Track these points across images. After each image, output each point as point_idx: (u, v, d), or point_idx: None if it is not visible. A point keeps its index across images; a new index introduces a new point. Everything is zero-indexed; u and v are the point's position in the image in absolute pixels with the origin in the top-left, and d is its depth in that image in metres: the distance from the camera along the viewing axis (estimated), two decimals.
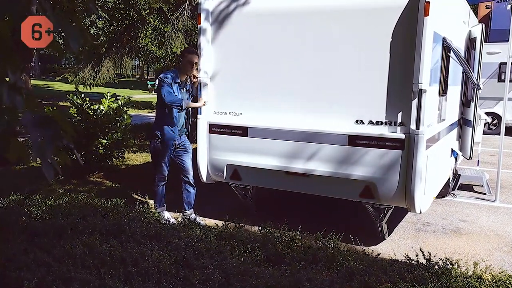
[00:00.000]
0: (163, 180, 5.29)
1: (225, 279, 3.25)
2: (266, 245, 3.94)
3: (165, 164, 5.21)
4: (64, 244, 3.75)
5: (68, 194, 5.47)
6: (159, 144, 5.14)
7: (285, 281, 3.23)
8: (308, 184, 4.91)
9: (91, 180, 7.09)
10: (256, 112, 5.02)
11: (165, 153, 5.17)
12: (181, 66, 5.15)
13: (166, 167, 5.25)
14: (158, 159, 5.21)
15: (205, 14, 5.15)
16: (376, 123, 4.46)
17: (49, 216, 4.46)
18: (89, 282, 3.13)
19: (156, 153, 5.24)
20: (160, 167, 5.22)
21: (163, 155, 5.17)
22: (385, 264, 3.61)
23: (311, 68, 4.70)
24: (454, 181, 7.05)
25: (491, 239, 5.12)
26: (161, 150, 5.16)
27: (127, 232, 4.06)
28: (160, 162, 5.20)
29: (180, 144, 5.23)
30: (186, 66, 5.08)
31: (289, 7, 4.80)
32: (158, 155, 5.20)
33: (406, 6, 4.21)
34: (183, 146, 5.26)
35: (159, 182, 5.29)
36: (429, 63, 4.22)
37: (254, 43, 4.97)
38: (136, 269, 3.36)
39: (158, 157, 5.21)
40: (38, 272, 3.23)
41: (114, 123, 7.28)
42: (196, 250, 3.75)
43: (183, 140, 5.27)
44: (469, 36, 6.87)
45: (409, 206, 4.45)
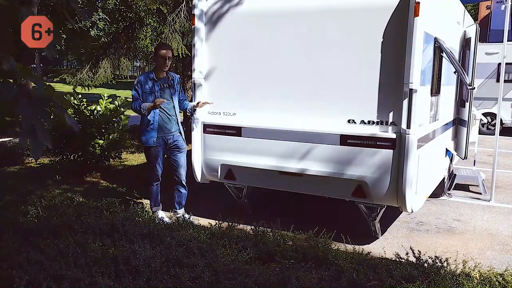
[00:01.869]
0: (157, 180, 5.32)
1: (215, 277, 3.28)
2: (258, 244, 3.97)
3: (158, 165, 5.24)
4: (57, 243, 3.79)
5: (64, 194, 5.52)
6: (145, 146, 5.20)
7: (274, 279, 3.27)
8: (301, 183, 4.94)
9: (88, 180, 7.13)
10: (249, 112, 5.06)
11: (155, 154, 5.19)
12: (155, 63, 5.15)
13: (160, 167, 5.27)
14: (150, 160, 5.25)
15: (199, 15, 5.18)
16: (368, 122, 4.49)
17: (44, 215, 4.49)
18: (79, 280, 3.16)
19: (146, 154, 5.29)
20: (153, 167, 5.25)
21: (154, 155, 5.20)
22: (375, 263, 3.64)
23: (303, 68, 4.74)
24: (450, 181, 7.07)
25: (484, 238, 5.14)
26: (149, 151, 5.19)
27: (120, 231, 4.10)
28: (152, 162, 5.23)
29: (173, 143, 5.25)
30: (159, 61, 5.08)
31: (282, 7, 4.83)
32: (149, 156, 5.23)
33: (397, 6, 4.25)
34: (176, 146, 5.27)
35: (153, 182, 5.32)
36: (419, 63, 4.25)
37: (247, 44, 5.01)
38: (127, 267, 3.40)
39: (149, 157, 5.24)
40: (30, 271, 3.27)
41: (111, 124, 7.32)
42: (187, 248, 3.79)
43: (176, 139, 5.27)
44: (464, 37, 6.90)
45: (400, 205, 4.47)
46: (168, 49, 5.15)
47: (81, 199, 5.27)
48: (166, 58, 5.07)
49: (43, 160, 8.39)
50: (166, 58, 5.06)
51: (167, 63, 5.11)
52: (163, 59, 5.05)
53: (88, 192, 6.42)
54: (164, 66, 5.10)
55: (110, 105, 7.40)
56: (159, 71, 5.13)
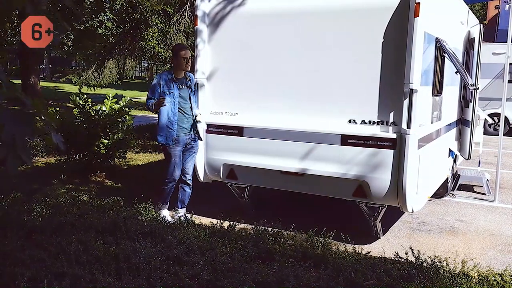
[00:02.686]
0: (173, 181, 5.27)
1: (214, 275, 3.31)
2: (258, 242, 4.00)
3: (176, 164, 5.19)
4: (60, 241, 3.84)
5: (68, 193, 5.59)
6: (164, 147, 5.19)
7: (272, 277, 3.29)
8: (302, 183, 4.96)
9: (92, 179, 7.20)
10: (251, 112, 5.09)
11: (174, 153, 5.15)
12: (176, 64, 5.20)
13: (178, 168, 5.22)
14: (168, 159, 5.20)
15: (202, 16, 5.23)
16: (369, 122, 4.50)
17: (48, 214, 4.56)
18: (80, 277, 3.21)
19: (165, 153, 5.27)
20: (170, 167, 5.21)
21: (172, 155, 5.16)
22: (374, 262, 3.65)
23: (304, 69, 4.77)
24: (454, 181, 7.05)
25: (486, 238, 5.13)
26: (167, 151, 5.18)
27: (122, 229, 4.15)
28: (170, 162, 5.19)
29: (189, 143, 5.24)
30: (181, 62, 5.12)
31: (283, 8, 4.86)
32: (168, 155, 5.20)
33: (397, 6, 4.26)
34: (191, 145, 5.27)
35: (168, 183, 5.27)
36: (419, 63, 4.26)
37: (249, 44, 5.05)
38: (128, 265, 3.44)
39: (168, 157, 5.20)
40: (32, 268, 3.33)
41: (116, 124, 7.38)
42: (188, 247, 3.82)
43: (193, 139, 5.26)
44: (468, 37, 6.88)
45: (401, 205, 4.48)
46: (187, 49, 5.22)
47: (85, 198, 5.33)
48: (187, 58, 5.14)
49: (49, 159, 8.49)
50: (187, 58, 5.14)
51: (189, 63, 5.18)
52: (185, 59, 5.12)
53: (93, 191, 6.49)
54: (186, 66, 5.16)
55: (115, 105, 7.46)
56: (179, 71, 5.18)
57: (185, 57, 5.11)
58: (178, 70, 5.18)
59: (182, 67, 5.15)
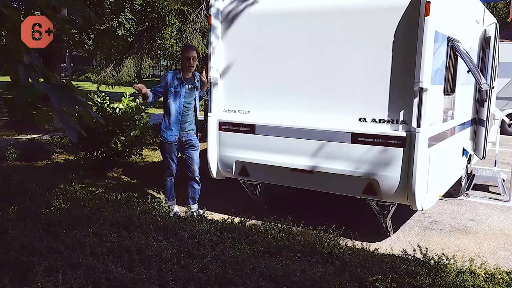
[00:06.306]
0: (170, 175, 5.52)
1: (222, 268, 3.40)
2: (267, 238, 4.08)
3: (172, 160, 5.44)
4: (76, 233, 3.99)
5: (86, 188, 5.76)
6: (162, 142, 5.42)
7: (279, 271, 3.37)
8: (312, 180, 5.02)
9: (109, 175, 7.37)
10: (263, 110, 5.17)
11: (169, 150, 5.39)
12: (181, 64, 5.37)
13: (174, 163, 5.47)
14: (164, 155, 5.46)
15: (215, 14, 5.32)
16: (379, 121, 4.53)
17: (65, 207, 4.72)
18: (94, 268, 3.34)
19: (162, 150, 5.52)
20: (167, 163, 5.47)
21: (168, 151, 5.40)
22: (380, 258, 3.70)
23: (316, 68, 4.82)
24: (468, 181, 7.01)
25: (498, 238, 5.11)
26: (164, 147, 5.41)
27: (136, 223, 4.28)
28: (166, 158, 5.45)
29: (187, 141, 5.42)
30: (184, 62, 5.28)
31: (296, 7, 4.92)
32: (164, 151, 5.44)
33: (408, 6, 4.28)
34: (190, 143, 5.44)
35: (166, 177, 5.53)
36: (430, 62, 4.27)
37: (261, 43, 5.12)
38: (140, 257, 3.56)
39: (164, 153, 5.45)
40: (49, 258, 3.48)
41: (133, 121, 7.54)
42: (198, 241, 3.93)
43: (190, 138, 5.44)
44: (484, 35, 6.83)
45: (410, 203, 4.50)
46: (192, 50, 5.35)
47: (102, 193, 5.48)
48: (190, 58, 5.25)
49: (68, 156, 8.71)
50: (190, 59, 5.25)
51: (192, 64, 5.29)
52: (187, 60, 5.25)
53: (109, 186, 6.65)
54: (189, 67, 5.29)
55: (132, 103, 7.62)
56: (185, 72, 5.33)
57: (188, 57, 5.23)
58: (183, 70, 5.32)
59: (185, 67, 5.29)
